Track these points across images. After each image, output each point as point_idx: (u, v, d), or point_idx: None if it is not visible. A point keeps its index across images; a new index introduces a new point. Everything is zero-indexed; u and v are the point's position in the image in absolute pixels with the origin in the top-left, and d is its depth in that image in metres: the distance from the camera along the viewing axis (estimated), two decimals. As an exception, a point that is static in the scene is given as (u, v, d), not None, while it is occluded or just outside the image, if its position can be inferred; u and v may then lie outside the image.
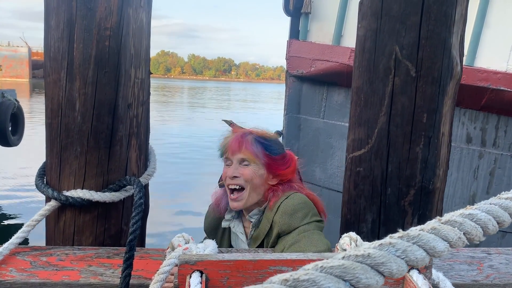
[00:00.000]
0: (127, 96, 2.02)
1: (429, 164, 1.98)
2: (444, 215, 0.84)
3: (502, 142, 4.58)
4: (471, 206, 0.88)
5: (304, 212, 1.95)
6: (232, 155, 2.06)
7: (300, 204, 1.96)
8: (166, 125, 20.43)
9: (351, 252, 0.68)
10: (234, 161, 2.06)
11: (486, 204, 0.89)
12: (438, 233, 0.79)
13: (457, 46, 1.97)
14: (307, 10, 5.14)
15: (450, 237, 0.79)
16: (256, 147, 2.07)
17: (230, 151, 2.06)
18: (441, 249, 0.77)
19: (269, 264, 1.43)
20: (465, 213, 0.85)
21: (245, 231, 2.17)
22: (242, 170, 2.04)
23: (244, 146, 2.05)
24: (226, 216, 2.20)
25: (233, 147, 2.05)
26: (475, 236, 0.83)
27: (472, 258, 1.97)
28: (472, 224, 0.83)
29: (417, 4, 1.88)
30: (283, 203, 1.98)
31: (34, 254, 1.90)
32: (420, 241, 0.75)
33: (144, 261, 1.89)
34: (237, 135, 2.10)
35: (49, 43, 1.98)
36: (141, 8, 2.04)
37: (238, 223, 2.20)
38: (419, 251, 0.74)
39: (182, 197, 9.17)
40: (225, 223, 2.20)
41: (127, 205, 2.11)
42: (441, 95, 1.94)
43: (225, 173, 2.09)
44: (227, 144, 2.09)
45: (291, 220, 1.93)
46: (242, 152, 2.05)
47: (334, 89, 5.17)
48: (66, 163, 1.99)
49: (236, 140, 2.06)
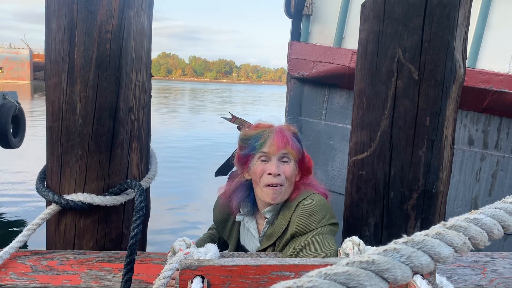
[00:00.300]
0: (128, 99, 2.01)
1: (432, 168, 1.96)
2: (448, 220, 0.83)
3: (504, 144, 4.57)
4: (476, 211, 0.87)
5: (322, 214, 1.94)
6: (276, 151, 1.99)
7: (319, 206, 1.95)
8: (167, 127, 20.41)
9: (355, 258, 0.67)
10: (274, 157, 2.00)
11: (491, 209, 0.88)
12: (443, 238, 0.77)
13: (460, 49, 1.96)
14: (308, 12, 5.14)
15: (455, 243, 0.78)
16: (296, 142, 2.04)
17: (275, 147, 1.98)
18: (446, 254, 0.76)
19: (271, 269, 1.42)
20: (470, 218, 0.84)
21: (257, 228, 2.16)
22: (284, 168, 2.00)
23: (290, 143, 2.00)
24: (241, 210, 2.17)
25: (278, 143, 1.98)
26: (480, 241, 0.82)
27: (475, 263, 1.96)
28: (477, 229, 0.82)
29: (420, 7, 1.86)
30: (302, 202, 1.97)
31: (34, 258, 1.89)
32: (425, 247, 0.74)
33: (145, 266, 1.88)
34: (278, 131, 2.02)
35: (50, 46, 1.97)
36: (142, 11, 2.03)
37: (251, 219, 2.18)
38: (424, 257, 0.73)
39: (184, 201, 9.15)
40: (239, 217, 2.18)
41: (128, 209, 2.10)
42: (444, 98, 1.93)
43: (262, 170, 2.01)
44: (267, 139, 2.00)
45: (308, 221, 1.92)
46: (287, 149, 2.00)
47: (335, 91, 5.16)
48: (66, 167, 1.98)
49: (282, 137, 1.99)
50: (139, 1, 1.99)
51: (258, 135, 2.03)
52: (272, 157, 2.00)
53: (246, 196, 2.14)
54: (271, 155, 2.00)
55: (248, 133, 2.08)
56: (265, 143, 2.00)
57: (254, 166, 2.04)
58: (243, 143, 2.08)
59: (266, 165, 2.00)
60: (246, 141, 2.06)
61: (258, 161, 2.02)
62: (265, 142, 2.00)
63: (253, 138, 2.03)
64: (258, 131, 2.04)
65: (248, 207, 2.16)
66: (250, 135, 2.06)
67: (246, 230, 2.20)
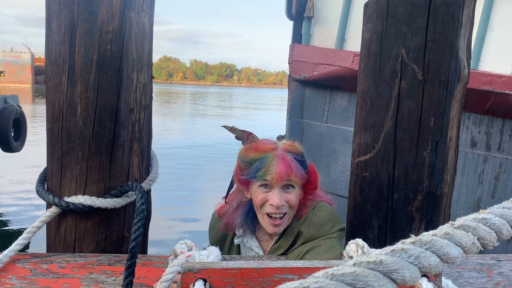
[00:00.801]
0: (129, 100, 1.99)
1: (436, 169, 1.94)
2: (456, 220, 0.81)
3: (507, 146, 4.54)
4: (484, 210, 0.85)
5: (331, 224, 1.91)
6: (279, 182, 1.86)
7: (328, 216, 1.92)
8: (168, 131, 20.39)
9: (363, 258, 0.65)
10: (278, 187, 1.87)
11: (499, 208, 0.86)
12: (452, 238, 0.75)
13: (465, 49, 1.94)
14: (309, 14, 5.13)
15: (464, 243, 0.76)
16: (300, 168, 1.90)
17: (277, 177, 1.84)
18: (455, 255, 0.74)
19: (275, 272, 1.40)
20: (478, 218, 0.82)
21: (260, 245, 2.09)
22: (287, 197, 1.88)
23: (294, 171, 1.86)
24: (238, 232, 2.08)
25: (281, 173, 1.84)
26: (489, 242, 0.79)
27: (481, 265, 1.93)
28: (486, 229, 0.80)
29: (424, 6, 1.85)
30: (310, 214, 1.93)
31: (34, 262, 1.87)
32: (433, 247, 0.72)
33: (146, 269, 1.86)
34: (279, 158, 1.86)
35: (50, 47, 1.96)
36: (143, 11, 2.01)
37: (251, 237, 2.09)
38: (433, 257, 0.71)
39: (185, 204, 9.13)
40: (237, 239, 2.09)
41: (129, 211, 2.08)
42: (448, 98, 1.91)
43: (263, 199, 1.89)
44: (269, 168, 1.86)
45: (318, 233, 1.89)
46: (290, 177, 1.86)
47: (337, 93, 5.14)
48: (67, 169, 1.96)
49: (284, 165, 1.85)
50: (140, 2, 1.98)
51: (259, 161, 1.88)
52: (275, 186, 1.88)
53: (247, 214, 2.03)
54: (274, 184, 1.88)
55: (248, 156, 1.92)
56: (267, 172, 1.85)
57: (255, 193, 1.93)
58: (243, 165, 1.94)
59: (268, 194, 1.89)
60: (246, 164, 1.92)
61: (260, 188, 1.91)
62: (267, 172, 1.85)
63: (254, 163, 1.89)
64: (259, 155, 1.89)
65: (248, 224, 2.05)
66: (250, 159, 1.91)
67: (247, 249, 2.11)
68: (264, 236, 2.07)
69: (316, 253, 1.85)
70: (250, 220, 2.04)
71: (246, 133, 2.13)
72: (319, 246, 1.87)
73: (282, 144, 1.94)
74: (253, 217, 2.04)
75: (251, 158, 1.90)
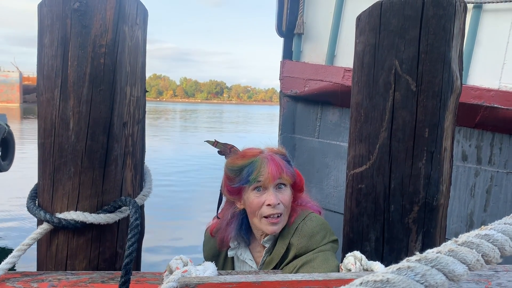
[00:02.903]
0: (123, 114, 1.97)
1: (432, 180, 1.94)
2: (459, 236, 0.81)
3: (498, 159, 4.58)
4: (486, 226, 0.85)
5: (322, 234, 1.90)
6: (272, 181, 1.91)
7: (318, 226, 1.91)
8: (158, 150, 20.29)
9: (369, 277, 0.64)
10: (271, 187, 1.92)
11: (501, 224, 0.86)
12: (456, 255, 0.74)
13: (456, 60, 1.96)
14: (299, 31, 5.18)
15: (469, 260, 0.75)
16: (289, 167, 1.97)
17: (270, 177, 1.89)
18: (461, 272, 0.72)
19: (274, 286, 1.37)
20: (481, 234, 0.81)
21: (254, 258, 2.07)
22: (281, 197, 1.93)
23: (284, 170, 1.92)
24: (231, 244, 2.08)
25: (273, 173, 1.89)
26: (492, 258, 0.79)
27: (479, 276, 1.91)
28: (489, 245, 0.79)
29: (416, 18, 1.87)
30: (300, 225, 1.93)
31: (25, 280, 1.81)
32: (439, 264, 0.71)
33: (140, 286, 1.81)
34: (269, 159, 1.93)
35: (42, 61, 1.94)
36: (137, 25, 2.01)
37: (244, 250, 2.09)
38: (439, 275, 0.70)
39: (178, 219, 9.05)
40: (231, 252, 2.09)
41: (122, 227, 2.04)
42: (442, 109, 1.92)
43: (259, 202, 1.91)
44: (261, 169, 1.90)
45: (309, 243, 1.88)
46: (282, 176, 1.92)
47: (328, 108, 5.17)
48: (59, 184, 1.93)
49: (275, 165, 1.91)
50: (133, 16, 1.97)
51: (249, 166, 1.92)
52: (269, 186, 1.92)
53: (241, 226, 2.05)
54: (268, 185, 1.92)
55: (236, 163, 1.96)
56: (259, 174, 1.90)
57: (249, 199, 1.94)
58: (232, 174, 1.97)
59: (263, 196, 1.92)
60: (235, 173, 1.95)
61: (253, 192, 1.93)
62: (259, 173, 1.90)
63: (244, 169, 1.93)
64: (247, 161, 1.93)
65: (242, 237, 2.06)
66: (239, 166, 1.94)
67: (241, 262, 2.10)
68: (258, 248, 2.06)
69: (310, 267, 1.82)
70: (244, 232, 2.05)
71: (228, 146, 2.14)
72: (313, 260, 1.85)
73: (267, 148, 2.02)
74: (247, 228, 2.05)
75: (240, 165, 1.94)
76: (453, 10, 1.87)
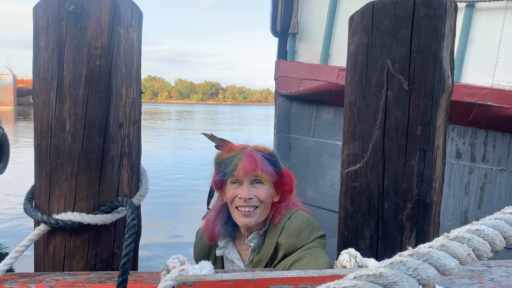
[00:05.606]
0: (118, 115, 1.98)
1: (425, 177, 1.96)
2: (451, 232, 0.83)
3: (491, 156, 4.62)
4: (477, 222, 0.87)
5: (309, 230, 1.93)
6: (245, 176, 1.96)
7: (304, 223, 1.94)
8: (155, 150, 20.26)
9: (363, 272, 0.66)
10: (246, 181, 1.97)
11: (492, 219, 0.88)
12: (448, 250, 0.77)
13: (448, 59, 1.99)
14: (294, 31, 5.21)
15: (460, 254, 0.77)
16: (268, 165, 2.00)
17: (243, 171, 1.95)
18: (452, 266, 0.75)
19: (269, 283, 1.39)
20: (472, 229, 0.83)
21: (241, 257, 2.10)
22: (256, 192, 1.97)
23: (260, 166, 1.96)
24: (220, 243, 2.12)
25: (247, 167, 1.94)
26: (483, 253, 0.81)
27: (472, 272, 1.94)
28: (480, 240, 0.81)
29: (408, 19, 1.89)
30: (286, 224, 1.95)
31: (22, 282, 1.82)
32: (431, 259, 0.73)
33: (138, 285, 1.82)
34: (246, 154, 1.98)
35: (38, 63, 1.95)
36: (132, 27, 2.02)
37: (232, 249, 2.13)
38: (430, 269, 0.72)
39: (173, 219, 9.04)
40: (219, 251, 2.13)
41: (119, 228, 2.05)
42: (434, 107, 1.95)
43: (233, 194, 1.99)
44: (237, 164, 1.96)
45: (297, 241, 1.90)
46: (256, 172, 1.96)
47: (323, 107, 5.19)
48: (56, 185, 1.94)
49: (249, 160, 1.96)
50: (128, 18, 1.99)
51: (229, 160, 2.00)
52: (244, 181, 1.98)
53: (227, 220, 2.10)
54: (242, 179, 1.98)
55: (221, 157, 2.05)
56: (235, 168, 1.97)
57: (227, 190, 2.03)
58: (217, 166, 2.07)
59: (237, 189, 1.99)
60: (219, 165, 2.05)
61: (231, 185, 2.02)
62: (235, 167, 1.97)
63: (224, 163, 2.01)
64: (230, 155, 2.02)
65: (228, 230, 2.11)
66: (222, 159, 2.03)
67: (230, 262, 2.14)
68: (244, 246, 2.10)
69: (300, 265, 1.84)
70: (231, 226, 2.10)
71: (226, 142, 2.17)
72: (303, 258, 1.86)
73: (252, 145, 2.07)
74: (233, 223, 2.09)
75: (223, 158, 2.03)
76: (444, 10, 1.90)
